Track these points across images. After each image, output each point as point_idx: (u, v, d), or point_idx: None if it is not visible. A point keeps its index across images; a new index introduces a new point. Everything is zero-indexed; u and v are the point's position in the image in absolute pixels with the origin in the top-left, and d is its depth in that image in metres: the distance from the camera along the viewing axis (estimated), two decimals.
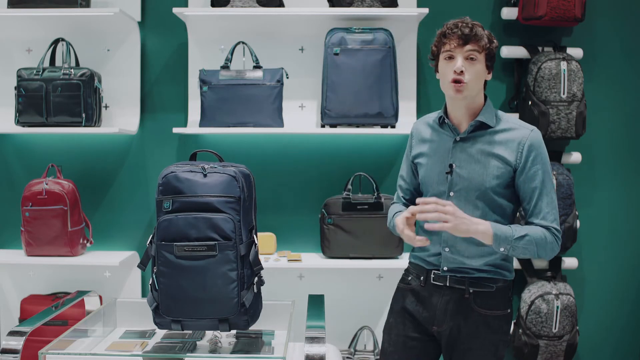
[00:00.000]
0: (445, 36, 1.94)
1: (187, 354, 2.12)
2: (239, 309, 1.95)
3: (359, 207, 2.97)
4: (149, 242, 2.00)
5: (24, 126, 2.99)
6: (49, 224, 2.94)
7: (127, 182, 3.23)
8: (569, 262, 3.17)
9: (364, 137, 3.17)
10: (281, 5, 3.02)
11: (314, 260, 3.02)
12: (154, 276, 1.98)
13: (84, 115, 2.94)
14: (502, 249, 1.90)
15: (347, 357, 3.03)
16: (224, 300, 1.93)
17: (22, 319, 3.05)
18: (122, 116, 3.17)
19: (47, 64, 3.04)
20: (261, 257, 2.57)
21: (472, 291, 1.99)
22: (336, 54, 2.93)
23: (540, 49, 3.10)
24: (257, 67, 2.97)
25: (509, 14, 3.10)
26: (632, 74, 3.24)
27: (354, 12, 2.93)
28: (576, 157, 3.15)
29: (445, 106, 2.05)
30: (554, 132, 2.96)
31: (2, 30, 3.15)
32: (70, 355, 2.07)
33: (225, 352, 2.13)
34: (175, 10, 2.93)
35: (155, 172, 3.19)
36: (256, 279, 2.02)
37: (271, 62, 3.06)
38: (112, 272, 3.17)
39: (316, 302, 2.32)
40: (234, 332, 2.24)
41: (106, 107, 3.17)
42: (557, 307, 2.96)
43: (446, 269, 2.01)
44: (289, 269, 3.18)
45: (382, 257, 2.98)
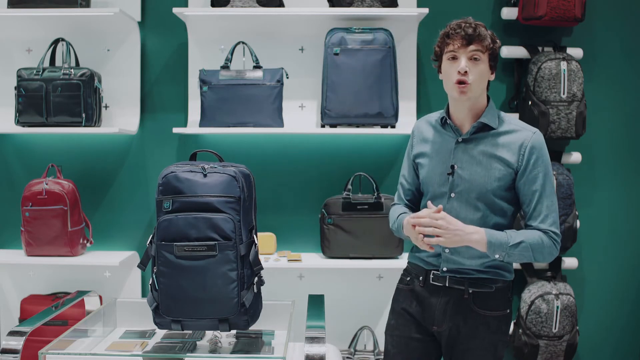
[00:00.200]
0: (448, 36, 1.93)
1: (187, 354, 2.12)
2: (239, 309, 1.94)
3: (359, 207, 2.97)
4: (149, 242, 2.00)
5: (24, 126, 2.99)
6: (49, 224, 2.93)
7: (127, 182, 3.23)
8: (569, 262, 3.17)
9: (364, 137, 3.17)
10: (281, 5, 3.02)
11: (314, 260, 3.02)
12: (154, 276, 1.98)
13: (84, 115, 2.94)
14: (497, 256, 1.91)
15: (347, 357, 3.03)
16: (224, 300, 1.93)
17: (22, 319, 3.04)
18: (122, 116, 3.17)
19: (47, 64, 3.04)
20: (261, 257, 2.57)
21: (471, 291, 1.99)
22: (336, 54, 2.93)
23: (540, 49, 3.10)
24: (257, 67, 2.97)
25: (509, 14, 3.10)
26: (632, 74, 3.24)
27: (354, 12, 2.93)
28: (576, 157, 3.15)
29: (447, 106, 2.04)
30: (554, 132, 2.96)
31: (2, 30, 3.15)
32: (70, 355, 2.07)
33: (225, 352, 2.13)
34: (175, 10, 2.93)
35: (155, 172, 3.19)
36: (256, 279, 2.02)
37: (271, 62, 3.06)
38: (112, 272, 3.17)
39: (316, 302, 2.32)
40: (234, 332, 2.24)
41: (106, 107, 3.17)
42: (557, 307, 2.96)
43: (446, 269, 2.01)
44: (289, 269, 3.18)
45: (382, 257, 2.98)
